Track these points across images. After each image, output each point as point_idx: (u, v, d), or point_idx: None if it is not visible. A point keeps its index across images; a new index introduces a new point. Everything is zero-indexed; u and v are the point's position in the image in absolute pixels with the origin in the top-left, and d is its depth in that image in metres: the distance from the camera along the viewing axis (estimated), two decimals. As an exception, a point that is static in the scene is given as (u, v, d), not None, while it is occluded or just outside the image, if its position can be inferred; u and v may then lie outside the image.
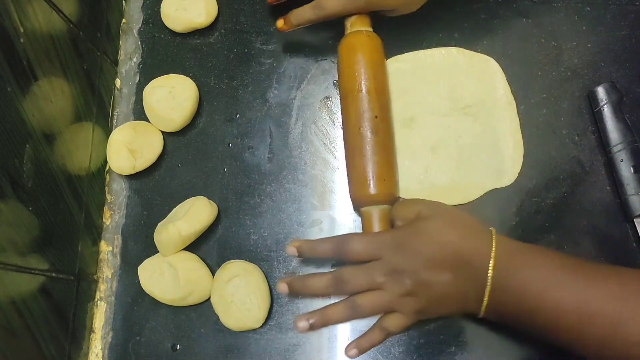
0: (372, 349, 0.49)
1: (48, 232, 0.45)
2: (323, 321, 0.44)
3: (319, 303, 0.50)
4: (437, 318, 0.48)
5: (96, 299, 0.53)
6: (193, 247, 0.52)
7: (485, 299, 0.41)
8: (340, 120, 0.55)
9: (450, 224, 0.43)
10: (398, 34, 0.55)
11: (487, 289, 0.41)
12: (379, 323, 0.45)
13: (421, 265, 0.42)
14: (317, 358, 0.50)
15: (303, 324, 0.44)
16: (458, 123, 0.52)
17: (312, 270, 0.51)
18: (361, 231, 0.49)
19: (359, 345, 0.45)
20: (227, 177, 0.55)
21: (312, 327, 0.44)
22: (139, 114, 0.57)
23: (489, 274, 0.40)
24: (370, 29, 0.51)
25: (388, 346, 0.49)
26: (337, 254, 0.44)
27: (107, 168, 0.56)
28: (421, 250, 0.42)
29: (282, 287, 0.45)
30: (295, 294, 0.45)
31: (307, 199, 0.53)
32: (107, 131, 0.57)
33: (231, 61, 0.58)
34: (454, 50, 0.55)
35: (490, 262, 0.41)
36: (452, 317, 0.48)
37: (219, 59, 0.58)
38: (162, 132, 0.56)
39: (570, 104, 0.54)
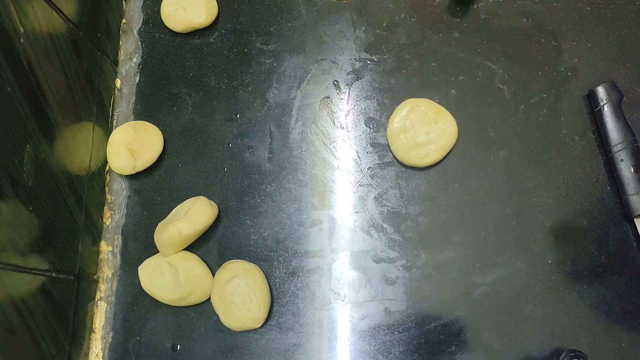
0: (373, 349, 0.49)
1: (48, 232, 0.45)
2: None
3: (319, 303, 0.50)
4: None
5: (96, 299, 0.53)
6: (193, 247, 0.52)
7: None
8: (340, 120, 0.55)
9: None
10: (399, 32, 0.55)
11: None
12: None
13: None
14: (317, 358, 0.50)
15: None
16: None
17: (314, 264, 0.52)
18: (361, 233, 0.49)
19: None
20: (227, 177, 0.55)
21: None
22: (139, 114, 0.57)
23: None
24: None
25: (388, 346, 0.49)
26: None
27: (107, 168, 0.56)
28: None
29: None
30: None
31: (307, 199, 0.53)
32: (107, 131, 0.57)
33: (231, 61, 0.58)
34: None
35: None
36: None
37: (219, 59, 0.58)
38: (162, 132, 0.56)
39: (570, 104, 0.54)
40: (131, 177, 0.56)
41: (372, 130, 0.55)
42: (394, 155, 0.54)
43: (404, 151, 0.52)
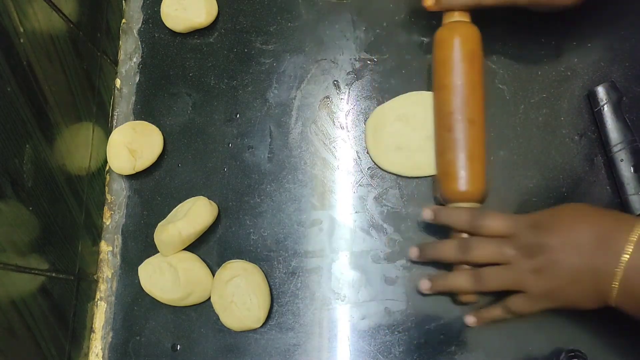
0: (373, 349, 0.49)
1: (48, 232, 0.45)
2: (444, 286, 0.46)
3: (319, 303, 0.50)
4: (568, 310, 0.43)
5: (96, 299, 0.53)
6: (193, 247, 0.52)
7: (616, 283, 0.39)
8: (340, 120, 0.55)
9: (586, 208, 0.43)
10: (399, 32, 0.55)
11: (620, 273, 0.38)
12: (503, 301, 0.44)
13: (556, 242, 0.41)
14: (317, 358, 0.50)
15: (425, 284, 0.47)
16: None
17: (313, 268, 0.52)
18: (361, 233, 0.49)
19: (480, 314, 0.46)
20: (227, 177, 0.55)
21: (433, 289, 0.46)
22: (139, 114, 0.57)
23: (622, 258, 0.38)
24: (469, 20, 0.51)
25: (388, 346, 0.49)
26: (471, 225, 0.45)
27: (107, 168, 0.56)
28: (557, 229, 0.41)
29: (413, 251, 0.48)
30: (424, 257, 0.47)
31: (307, 199, 0.53)
32: (107, 131, 0.57)
33: (231, 61, 0.58)
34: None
35: (629, 246, 0.38)
36: (584, 308, 0.42)
37: (219, 59, 0.58)
38: (162, 132, 0.56)
39: (570, 104, 0.54)
40: (131, 177, 0.56)
41: (372, 130, 0.55)
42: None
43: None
